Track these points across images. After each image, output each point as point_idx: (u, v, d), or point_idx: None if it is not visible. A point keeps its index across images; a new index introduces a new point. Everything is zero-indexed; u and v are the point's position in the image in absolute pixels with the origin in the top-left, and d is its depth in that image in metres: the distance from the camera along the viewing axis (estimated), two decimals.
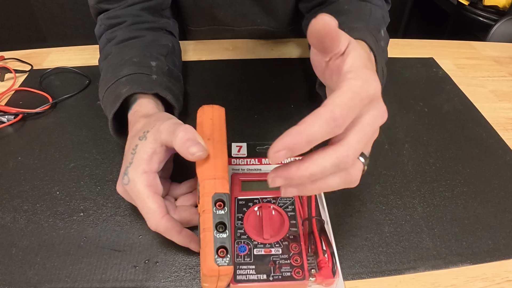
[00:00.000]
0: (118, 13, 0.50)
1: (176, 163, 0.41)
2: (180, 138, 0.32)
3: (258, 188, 0.39)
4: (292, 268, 0.32)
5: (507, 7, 1.40)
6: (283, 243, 0.34)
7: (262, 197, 0.38)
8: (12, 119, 0.50)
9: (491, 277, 0.35)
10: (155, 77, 0.43)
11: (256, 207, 0.37)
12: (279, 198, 0.38)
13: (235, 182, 0.39)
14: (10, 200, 0.40)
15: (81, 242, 0.37)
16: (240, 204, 0.37)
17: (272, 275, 0.32)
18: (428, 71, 0.64)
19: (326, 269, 0.32)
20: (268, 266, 0.32)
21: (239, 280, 0.31)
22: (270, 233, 0.35)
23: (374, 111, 0.27)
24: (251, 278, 0.31)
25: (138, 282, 0.34)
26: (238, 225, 0.35)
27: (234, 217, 0.36)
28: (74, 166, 0.44)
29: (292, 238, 0.34)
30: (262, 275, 0.32)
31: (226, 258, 0.28)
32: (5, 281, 0.33)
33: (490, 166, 0.46)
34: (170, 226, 0.33)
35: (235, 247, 0.34)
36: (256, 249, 0.33)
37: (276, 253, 0.33)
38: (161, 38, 0.51)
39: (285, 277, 0.31)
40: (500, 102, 0.58)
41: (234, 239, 0.34)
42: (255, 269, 0.32)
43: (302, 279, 0.31)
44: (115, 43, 0.48)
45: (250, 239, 0.34)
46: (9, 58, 0.62)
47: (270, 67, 0.62)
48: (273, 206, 0.37)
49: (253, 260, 0.33)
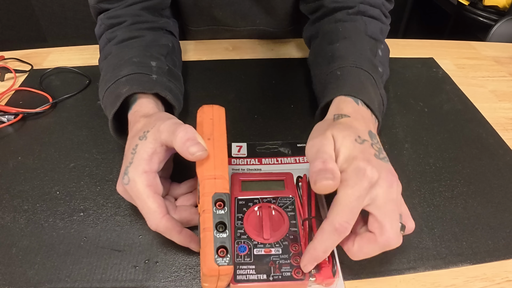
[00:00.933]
0: (118, 12, 0.50)
1: (176, 163, 0.41)
2: (180, 138, 0.32)
3: (258, 188, 0.39)
4: (292, 268, 0.32)
5: (507, 7, 1.40)
6: (283, 243, 0.34)
7: (262, 197, 0.38)
8: (12, 119, 0.50)
9: (491, 277, 0.35)
10: (155, 77, 0.43)
11: (256, 207, 0.37)
12: (279, 198, 0.37)
13: (235, 182, 0.39)
14: (10, 200, 0.40)
15: (81, 242, 0.37)
16: (240, 204, 0.37)
17: (272, 275, 0.32)
18: (428, 71, 0.64)
19: (326, 269, 0.32)
20: (268, 266, 0.32)
21: (239, 280, 0.31)
22: (270, 233, 0.34)
23: (381, 189, 0.30)
24: (251, 278, 0.31)
25: (138, 282, 0.34)
26: (238, 225, 0.35)
27: (234, 217, 0.36)
28: (74, 166, 0.44)
29: (292, 238, 0.34)
30: (262, 275, 0.32)
31: (226, 258, 0.28)
32: (5, 281, 0.33)
33: (490, 166, 0.46)
34: (170, 226, 0.33)
35: (235, 247, 0.34)
36: (256, 249, 0.33)
37: (276, 253, 0.33)
38: (161, 38, 0.51)
39: (285, 277, 0.31)
40: (500, 102, 0.58)
41: (234, 239, 0.34)
42: (255, 269, 0.32)
43: (302, 279, 0.31)
44: (115, 43, 0.48)
45: (250, 239, 0.34)
46: (9, 58, 0.62)
47: (270, 67, 0.62)
48: (273, 206, 0.37)
49: (253, 260, 0.33)
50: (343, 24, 0.49)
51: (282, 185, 0.39)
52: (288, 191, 0.38)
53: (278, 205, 0.37)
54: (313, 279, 0.32)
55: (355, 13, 0.50)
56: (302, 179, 0.40)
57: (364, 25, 0.48)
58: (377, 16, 0.50)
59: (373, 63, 0.44)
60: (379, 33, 0.49)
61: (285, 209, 0.37)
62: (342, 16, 0.50)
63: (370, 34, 0.48)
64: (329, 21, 0.52)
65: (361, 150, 0.32)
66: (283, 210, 0.37)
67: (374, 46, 0.46)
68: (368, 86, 0.41)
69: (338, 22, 0.50)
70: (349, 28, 0.48)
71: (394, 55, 0.67)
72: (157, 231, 0.33)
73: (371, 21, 0.49)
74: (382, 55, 0.47)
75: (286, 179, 0.40)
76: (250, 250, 0.33)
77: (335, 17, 0.51)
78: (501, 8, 1.41)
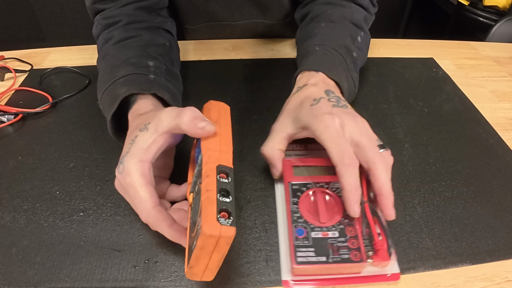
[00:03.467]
0: (113, 13, 0.50)
1: (177, 163, 0.41)
2: (188, 116, 0.32)
3: (309, 173, 0.39)
4: (349, 251, 0.33)
5: (507, 7, 1.40)
6: (339, 227, 0.35)
7: (315, 182, 0.38)
8: (12, 119, 0.50)
9: (490, 277, 0.35)
10: (153, 77, 0.43)
11: (311, 192, 0.38)
12: (331, 183, 0.38)
13: (287, 168, 0.40)
14: (10, 199, 0.40)
15: (81, 242, 0.37)
16: (294, 188, 0.38)
17: (331, 257, 0.32)
18: (428, 71, 0.64)
19: (382, 251, 0.33)
20: (326, 248, 0.33)
21: (300, 262, 0.32)
22: (326, 217, 0.35)
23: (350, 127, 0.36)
24: (311, 260, 0.32)
25: (138, 282, 0.34)
26: (294, 209, 0.36)
27: (289, 201, 0.36)
28: (74, 166, 0.44)
29: (347, 222, 0.35)
30: (321, 257, 0.32)
31: (229, 220, 0.26)
32: (5, 280, 0.33)
33: (490, 166, 0.46)
34: (161, 217, 0.32)
35: (293, 230, 0.34)
36: (313, 232, 0.34)
37: (333, 236, 0.34)
38: (158, 37, 0.51)
39: (344, 259, 0.32)
40: (500, 102, 0.58)
41: (291, 222, 0.34)
42: (315, 251, 0.33)
43: (360, 261, 0.32)
44: (112, 43, 0.48)
45: (307, 222, 0.35)
46: (9, 57, 0.62)
47: (270, 67, 0.62)
48: (327, 191, 0.38)
49: (312, 243, 0.33)
50: (332, 7, 0.53)
51: (332, 170, 0.39)
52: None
53: (331, 189, 0.38)
54: (371, 261, 0.32)
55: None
56: None
57: (351, 12, 0.51)
58: (365, 5, 0.54)
59: (349, 48, 0.48)
60: (362, 22, 0.52)
61: (338, 194, 0.37)
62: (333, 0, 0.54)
63: (354, 22, 0.51)
64: (319, 2, 0.55)
65: (319, 108, 0.37)
66: (336, 195, 0.37)
67: (354, 33, 0.50)
68: (340, 69, 0.45)
69: (328, 5, 0.54)
70: (336, 12, 0.52)
71: (394, 55, 0.67)
72: (147, 223, 0.33)
73: (358, 9, 0.53)
74: (361, 41, 0.51)
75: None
76: (307, 233, 0.34)
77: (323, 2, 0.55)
78: (501, 8, 1.41)
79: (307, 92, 0.41)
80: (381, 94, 0.57)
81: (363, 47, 0.52)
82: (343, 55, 0.47)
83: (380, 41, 0.71)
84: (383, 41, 0.71)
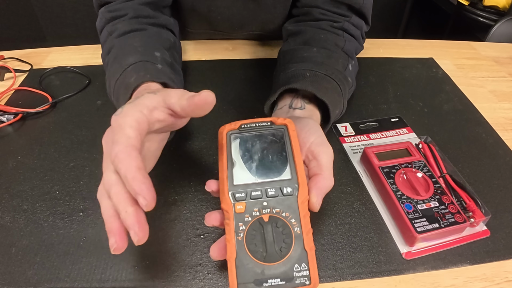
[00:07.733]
0: (119, 6, 0.50)
1: (176, 162, 0.41)
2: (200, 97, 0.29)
3: (391, 157, 0.44)
4: (453, 215, 0.37)
5: (507, 8, 1.40)
6: (436, 197, 0.39)
7: (400, 163, 0.43)
8: (11, 119, 0.50)
9: (490, 277, 0.35)
10: (160, 66, 0.43)
11: (402, 172, 0.42)
12: (413, 162, 0.43)
13: (371, 155, 0.44)
14: (9, 199, 0.40)
15: (80, 242, 0.37)
16: (386, 172, 0.42)
17: (442, 222, 0.37)
18: (428, 71, 0.64)
19: (477, 211, 0.39)
20: (435, 216, 0.37)
21: (421, 231, 0.36)
22: (424, 191, 0.39)
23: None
24: (427, 228, 0.36)
25: (138, 282, 0.34)
26: (394, 188, 0.40)
27: (386, 182, 0.41)
28: (74, 165, 0.44)
29: (440, 192, 0.40)
30: (435, 224, 0.36)
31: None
32: (5, 280, 0.33)
33: (490, 166, 0.46)
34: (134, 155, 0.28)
35: (401, 206, 0.38)
36: (419, 205, 0.38)
37: (434, 205, 0.38)
38: (163, 33, 0.51)
39: (452, 223, 0.37)
40: (500, 102, 0.58)
41: (396, 199, 0.39)
42: (427, 220, 0.37)
43: (464, 222, 0.37)
44: (116, 35, 0.47)
45: (410, 198, 0.39)
46: (9, 57, 0.62)
47: (270, 67, 0.62)
48: (413, 170, 0.42)
49: (422, 214, 0.37)
50: (326, 34, 0.52)
51: (407, 152, 0.45)
52: (416, 156, 0.44)
53: (415, 168, 0.42)
54: (472, 220, 0.38)
55: (339, 28, 0.53)
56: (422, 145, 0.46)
57: (344, 41, 0.51)
58: (357, 36, 0.54)
59: (343, 75, 0.47)
60: (353, 52, 0.53)
61: (422, 170, 0.42)
62: (326, 26, 0.53)
63: (345, 51, 0.51)
64: (313, 25, 0.54)
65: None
66: (420, 171, 0.42)
67: (345, 61, 0.50)
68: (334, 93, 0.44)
69: (321, 30, 0.53)
70: (330, 39, 0.51)
71: (394, 55, 0.67)
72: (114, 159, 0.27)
73: (350, 39, 0.53)
74: (351, 70, 0.51)
75: (408, 147, 0.45)
76: (415, 206, 0.38)
77: (320, 24, 0.54)
78: (501, 8, 1.41)
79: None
80: (381, 94, 0.57)
81: (352, 75, 0.51)
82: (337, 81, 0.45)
83: (380, 41, 0.71)
84: (383, 41, 0.71)
